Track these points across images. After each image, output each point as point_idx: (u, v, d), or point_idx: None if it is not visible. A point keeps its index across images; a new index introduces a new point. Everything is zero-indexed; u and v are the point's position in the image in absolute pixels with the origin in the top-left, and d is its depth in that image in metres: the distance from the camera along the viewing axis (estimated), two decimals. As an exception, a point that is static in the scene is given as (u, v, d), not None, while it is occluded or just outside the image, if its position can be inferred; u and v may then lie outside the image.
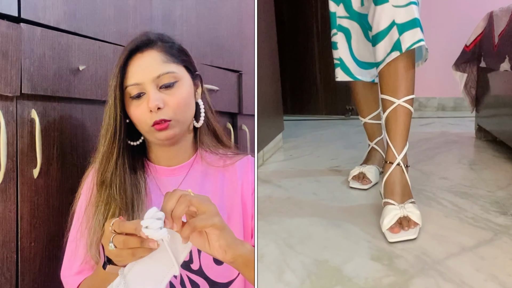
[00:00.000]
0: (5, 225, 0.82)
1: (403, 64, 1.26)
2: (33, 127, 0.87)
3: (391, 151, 1.28)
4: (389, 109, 1.29)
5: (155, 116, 0.82)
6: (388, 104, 1.29)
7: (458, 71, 2.26)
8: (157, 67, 0.83)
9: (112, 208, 0.82)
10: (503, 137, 1.91)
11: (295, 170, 1.85)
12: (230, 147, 0.93)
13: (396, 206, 1.20)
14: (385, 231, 1.17)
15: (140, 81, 0.82)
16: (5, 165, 0.81)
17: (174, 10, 1.33)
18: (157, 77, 0.82)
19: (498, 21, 1.91)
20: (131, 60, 0.83)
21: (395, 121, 1.28)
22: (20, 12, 0.84)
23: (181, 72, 0.86)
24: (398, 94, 1.27)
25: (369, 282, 0.98)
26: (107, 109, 0.84)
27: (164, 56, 0.84)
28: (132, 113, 0.84)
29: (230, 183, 0.89)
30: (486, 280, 0.97)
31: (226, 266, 0.82)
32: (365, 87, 1.64)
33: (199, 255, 0.84)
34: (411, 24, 1.23)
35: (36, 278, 0.89)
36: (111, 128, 0.83)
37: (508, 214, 1.30)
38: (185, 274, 0.84)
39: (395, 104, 1.27)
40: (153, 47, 0.85)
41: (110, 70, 1.03)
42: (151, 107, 0.81)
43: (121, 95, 0.83)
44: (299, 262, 1.07)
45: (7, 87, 0.81)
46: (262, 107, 1.88)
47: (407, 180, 1.27)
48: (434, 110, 3.32)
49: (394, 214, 1.18)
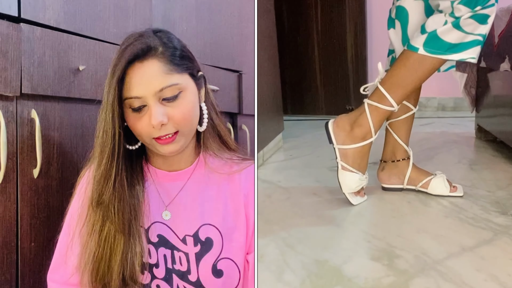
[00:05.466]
0: (5, 225, 0.82)
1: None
2: (33, 127, 0.87)
3: (403, 149, 1.41)
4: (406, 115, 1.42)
5: (158, 132, 0.76)
6: (405, 109, 1.40)
7: (458, 71, 2.25)
8: (159, 79, 0.76)
9: (107, 226, 0.79)
10: (503, 137, 1.91)
11: (295, 170, 1.85)
12: (236, 149, 0.89)
13: (437, 175, 1.43)
14: (449, 193, 1.42)
15: (141, 94, 0.75)
16: (5, 165, 0.81)
17: (174, 10, 1.33)
18: (159, 91, 0.75)
19: (498, 21, 1.91)
20: (130, 69, 0.76)
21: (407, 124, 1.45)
22: (20, 12, 0.84)
23: (185, 81, 0.79)
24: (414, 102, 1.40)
25: (369, 282, 0.98)
26: (103, 125, 0.77)
27: (166, 67, 0.77)
28: (132, 125, 0.78)
29: (234, 192, 0.84)
30: (486, 280, 0.97)
31: (224, 278, 0.80)
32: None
33: (197, 266, 0.81)
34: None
35: (36, 278, 0.89)
36: (109, 147, 0.76)
37: (508, 214, 1.30)
38: (182, 284, 0.81)
39: (412, 111, 1.40)
40: (153, 56, 0.76)
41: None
42: (154, 124, 0.75)
43: (120, 110, 0.76)
44: (299, 262, 1.07)
45: (7, 87, 0.81)
46: (262, 107, 1.88)
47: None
48: (434, 110, 3.32)
49: (443, 179, 1.43)
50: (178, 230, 0.83)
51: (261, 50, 1.88)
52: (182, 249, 0.82)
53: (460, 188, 1.45)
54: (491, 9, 1.17)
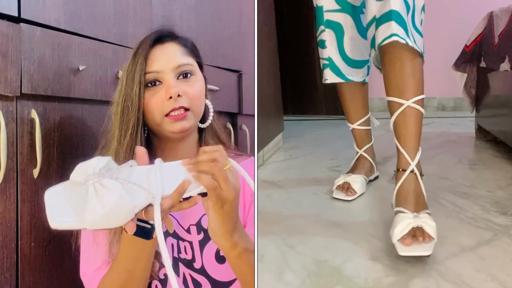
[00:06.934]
0: (5, 225, 0.82)
1: (409, 62, 1.17)
2: (33, 127, 0.86)
3: (404, 157, 1.16)
4: (397, 112, 1.17)
5: (174, 103, 0.81)
6: (396, 106, 1.17)
7: (458, 71, 2.26)
8: (177, 57, 0.84)
9: None
10: (503, 137, 1.91)
11: (295, 170, 1.85)
12: (231, 148, 0.92)
13: (409, 215, 1.06)
14: (395, 242, 1.04)
15: (160, 69, 0.82)
16: (5, 165, 0.80)
17: (174, 10, 1.33)
18: (177, 67, 0.83)
19: (498, 21, 1.91)
20: (151, 50, 0.83)
21: (405, 124, 1.17)
22: (20, 12, 0.84)
23: (196, 67, 0.87)
24: (406, 95, 1.16)
25: (369, 282, 0.98)
26: (122, 102, 0.81)
27: (183, 49, 0.86)
28: (146, 102, 0.82)
29: None
30: (486, 280, 0.97)
31: (227, 264, 0.81)
32: (354, 89, 1.53)
33: (201, 253, 0.84)
34: (385, 18, 1.15)
35: (36, 278, 0.89)
36: (133, 121, 0.81)
37: (508, 214, 1.30)
38: (188, 272, 0.84)
39: (404, 106, 1.16)
40: (173, 40, 0.86)
41: (110, 70, 1.04)
42: (171, 93, 0.80)
43: (145, 83, 0.82)
44: (299, 262, 1.07)
45: (7, 87, 0.81)
46: (262, 107, 1.88)
47: (422, 189, 1.15)
48: (434, 110, 3.32)
49: (407, 223, 1.04)
50: (183, 221, 0.86)
51: (261, 50, 1.88)
52: (186, 238, 0.85)
53: (426, 246, 1.03)
54: (323, 34, 1.44)
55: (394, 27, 1.14)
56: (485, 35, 2.08)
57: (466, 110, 2.56)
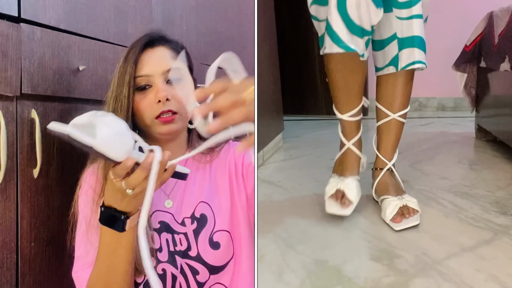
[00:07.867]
0: (5, 225, 0.82)
1: (402, 80, 1.29)
2: (33, 127, 0.86)
3: (381, 159, 1.34)
4: (382, 121, 1.33)
5: (163, 107, 0.84)
6: (383, 115, 1.33)
7: (458, 71, 2.25)
8: (167, 62, 0.87)
9: None
10: (503, 137, 1.91)
11: (295, 170, 1.85)
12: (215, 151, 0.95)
13: (394, 198, 1.26)
14: (388, 221, 1.23)
15: (150, 73, 0.85)
16: (5, 165, 0.81)
17: (174, 10, 1.33)
18: (166, 71, 0.85)
19: (498, 21, 1.91)
20: (142, 54, 0.86)
21: (387, 132, 1.33)
22: (20, 12, 0.84)
23: (186, 71, 0.89)
24: (393, 108, 1.31)
25: (369, 282, 0.98)
26: (113, 104, 0.83)
27: (173, 53, 0.89)
28: (136, 105, 0.85)
29: (219, 171, 0.91)
30: (486, 280, 0.97)
31: (222, 249, 0.85)
32: (351, 65, 1.22)
33: (196, 242, 0.86)
34: (409, 42, 1.23)
35: (36, 278, 0.89)
36: (123, 119, 0.81)
37: (508, 214, 1.30)
38: (184, 262, 0.86)
39: (389, 118, 1.31)
40: (164, 44, 0.89)
41: (110, 70, 1.04)
42: (160, 97, 0.83)
43: (134, 86, 0.84)
44: (299, 262, 1.07)
45: (7, 87, 0.81)
46: (262, 107, 1.88)
47: (399, 180, 1.34)
48: (434, 110, 3.32)
49: (394, 204, 1.24)
50: (178, 215, 0.88)
51: (261, 50, 1.88)
52: (181, 231, 0.87)
53: (413, 218, 1.22)
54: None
55: (417, 54, 1.23)
56: (485, 35, 2.08)
57: (466, 110, 2.56)
